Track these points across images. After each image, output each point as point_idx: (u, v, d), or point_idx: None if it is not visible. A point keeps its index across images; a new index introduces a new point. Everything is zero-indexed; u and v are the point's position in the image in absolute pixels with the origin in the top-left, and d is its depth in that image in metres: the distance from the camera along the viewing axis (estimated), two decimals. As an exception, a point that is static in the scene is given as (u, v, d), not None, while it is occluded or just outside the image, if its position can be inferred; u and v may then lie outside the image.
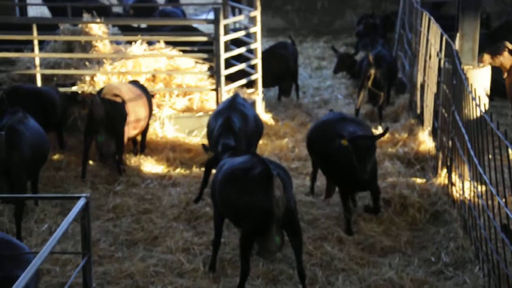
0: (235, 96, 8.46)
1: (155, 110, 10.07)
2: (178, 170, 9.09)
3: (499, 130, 5.47)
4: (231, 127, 7.63)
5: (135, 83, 9.60)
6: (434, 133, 9.18)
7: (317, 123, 7.97)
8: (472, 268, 6.39)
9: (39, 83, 10.22)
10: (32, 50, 10.40)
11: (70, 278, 4.42)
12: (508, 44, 8.78)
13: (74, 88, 10.20)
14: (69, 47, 10.73)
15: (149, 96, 9.49)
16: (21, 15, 15.42)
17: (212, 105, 10.34)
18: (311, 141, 7.83)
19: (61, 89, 9.94)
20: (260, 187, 5.73)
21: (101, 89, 9.00)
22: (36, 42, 10.31)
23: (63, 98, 9.72)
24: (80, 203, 4.39)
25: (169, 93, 10.48)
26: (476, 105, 6.49)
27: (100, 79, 10.25)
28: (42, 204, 7.89)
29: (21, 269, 3.67)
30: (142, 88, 9.48)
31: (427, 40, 9.69)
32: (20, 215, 7.14)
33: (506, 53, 8.69)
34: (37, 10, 20.73)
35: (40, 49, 10.64)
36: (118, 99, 8.79)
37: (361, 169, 6.82)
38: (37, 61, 10.35)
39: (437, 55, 8.78)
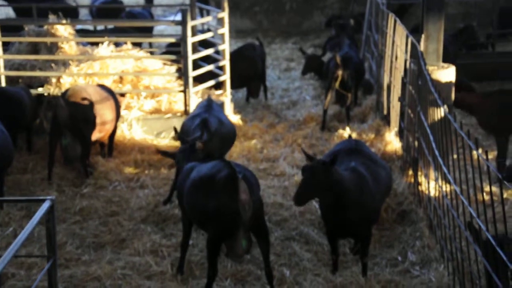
0: (210, 100, 8.46)
1: (123, 111, 10.01)
2: (146, 172, 9.05)
3: (463, 130, 5.55)
4: (208, 127, 7.65)
5: (101, 86, 9.52)
6: (400, 134, 9.28)
7: (326, 153, 6.96)
8: (438, 267, 6.46)
9: (3, 85, 10.08)
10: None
11: (35, 282, 4.37)
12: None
13: (40, 90, 10.09)
14: (34, 48, 10.61)
15: (116, 98, 9.42)
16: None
17: (180, 107, 10.31)
18: None
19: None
20: (226, 191, 5.70)
21: (66, 91, 8.91)
22: (0, 43, 10.17)
23: (33, 100, 9.61)
24: (45, 205, 4.35)
25: (137, 95, 10.42)
26: (440, 105, 6.58)
27: (67, 81, 10.16)
28: (7, 207, 7.79)
29: None
30: (109, 91, 9.41)
31: (393, 41, 9.80)
32: (-16, 218, 7.05)
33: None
34: (2, 11, 20.44)
35: (5, 51, 10.50)
36: (83, 101, 8.71)
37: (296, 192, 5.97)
38: (1, 63, 10.21)
39: (404, 57, 8.89)
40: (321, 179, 5.91)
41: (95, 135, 8.87)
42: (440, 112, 6.70)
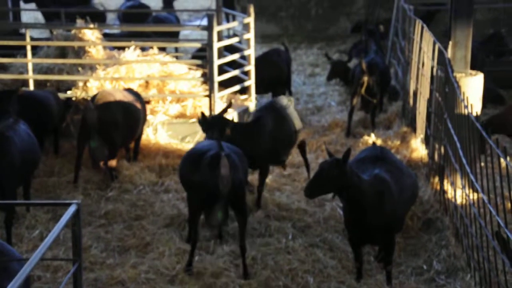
0: (277, 99, 8.56)
1: (148, 116, 10.05)
2: (170, 176, 9.07)
3: (491, 138, 5.48)
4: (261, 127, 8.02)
5: (129, 90, 9.58)
6: (426, 141, 9.20)
7: (351, 160, 6.61)
8: (464, 276, 6.39)
9: (31, 88, 10.19)
10: (25, 55, 10.38)
11: (61, 285, 4.40)
12: None
13: (67, 94, 10.17)
14: (62, 52, 10.71)
15: (143, 103, 9.48)
16: (14, 20, 15.42)
17: (205, 112, 10.32)
18: None
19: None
20: (210, 166, 6.35)
21: (95, 95, 8.98)
22: (29, 48, 10.29)
23: (60, 103, 9.71)
24: (71, 209, 4.37)
25: (162, 99, 10.47)
26: (468, 113, 6.51)
27: (93, 85, 10.23)
28: (34, 210, 7.86)
29: (9, 280, 3.65)
30: (136, 95, 9.47)
31: (420, 47, 9.73)
32: (10, 221, 7.11)
33: None
34: (31, 15, 20.71)
35: (33, 55, 10.62)
36: (112, 105, 8.76)
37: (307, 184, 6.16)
38: (30, 67, 10.32)
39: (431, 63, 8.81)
40: (332, 175, 5.99)
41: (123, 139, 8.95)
42: (467, 120, 6.63)
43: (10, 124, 7.49)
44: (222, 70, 10.87)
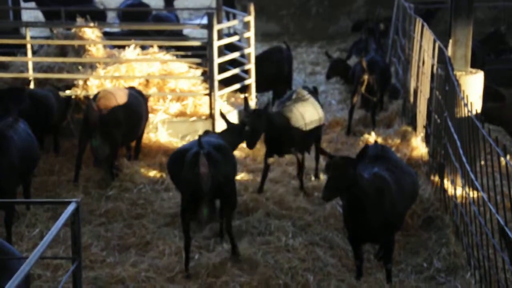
0: (299, 89, 8.74)
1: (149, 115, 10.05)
2: (170, 175, 9.07)
3: (491, 136, 5.48)
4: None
5: (131, 89, 9.57)
6: (427, 139, 9.19)
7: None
8: (464, 274, 6.39)
9: (32, 87, 10.19)
10: (25, 54, 10.38)
11: (60, 283, 4.40)
12: None
13: (67, 92, 10.18)
14: (62, 51, 10.71)
15: (145, 101, 9.48)
16: (15, 19, 15.42)
17: (205, 110, 10.33)
18: None
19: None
20: (190, 165, 6.46)
21: (97, 94, 8.98)
22: (29, 46, 10.29)
23: (61, 102, 9.70)
24: (70, 208, 4.37)
25: (163, 98, 10.47)
26: (468, 111, 6.51)
27: (93, 84, 10.23)
28: (34, 209, 7.87)
29: (9, 279, 3.66)
30: (139, 94, 9.47)
31: (420, 46, 9.72)
32: (10, 220, 7.11)
33: None
34: (31, 14, 20.71)
35: (34, 53, 10.62)
36: (114, 104, 8.77)
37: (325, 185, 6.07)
38: (30, 65, 10.32)
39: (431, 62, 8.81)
40: (349, 175, 5.91)
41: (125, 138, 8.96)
42: (467, 118, 6.62)
43: (9, 123, 7.49)
44: (222, 68, 10.87)
